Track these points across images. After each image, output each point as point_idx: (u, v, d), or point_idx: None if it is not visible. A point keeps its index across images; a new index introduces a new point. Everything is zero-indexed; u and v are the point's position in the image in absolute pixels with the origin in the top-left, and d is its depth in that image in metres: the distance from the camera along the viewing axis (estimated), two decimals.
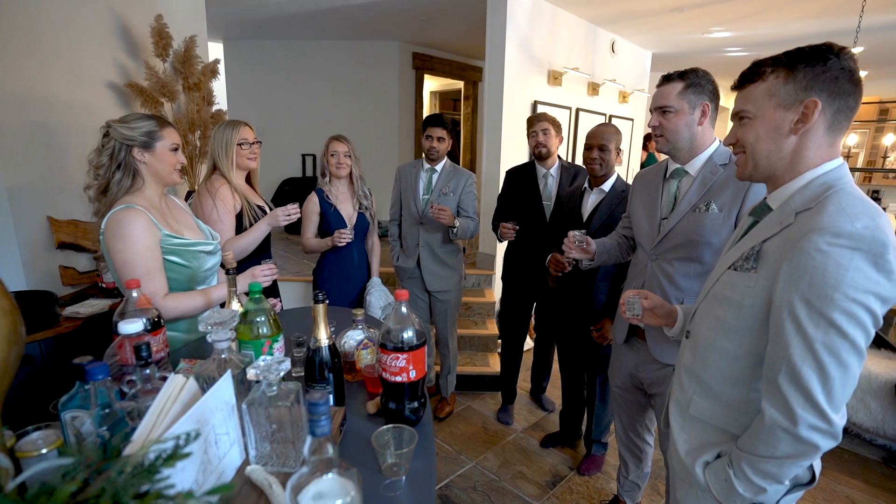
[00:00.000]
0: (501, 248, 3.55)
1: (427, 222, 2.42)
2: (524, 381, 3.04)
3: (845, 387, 0.78)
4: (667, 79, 1.37)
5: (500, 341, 3.44)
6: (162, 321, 1.10)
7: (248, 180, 1.98)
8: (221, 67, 3.12)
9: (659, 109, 1.38)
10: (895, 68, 5.86)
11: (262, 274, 1.50)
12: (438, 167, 2.43)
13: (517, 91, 3.58)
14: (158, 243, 1.30)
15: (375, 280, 2.40)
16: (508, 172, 2.62)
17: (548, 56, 3.80)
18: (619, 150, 1.88)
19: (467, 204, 2.43)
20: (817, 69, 0.82)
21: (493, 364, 3.19)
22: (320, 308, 1.06)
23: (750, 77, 0.90)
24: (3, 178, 2.02)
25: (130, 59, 2.57)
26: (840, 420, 0.79)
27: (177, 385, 0.83)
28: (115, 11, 2.48)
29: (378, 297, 2.26)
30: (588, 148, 1.95)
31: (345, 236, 2.12)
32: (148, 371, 0.86)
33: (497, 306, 3.42)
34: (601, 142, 1.90)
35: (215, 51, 4.69)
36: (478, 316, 3.52)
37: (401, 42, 5.12)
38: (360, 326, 1.25)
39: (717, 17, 4.03)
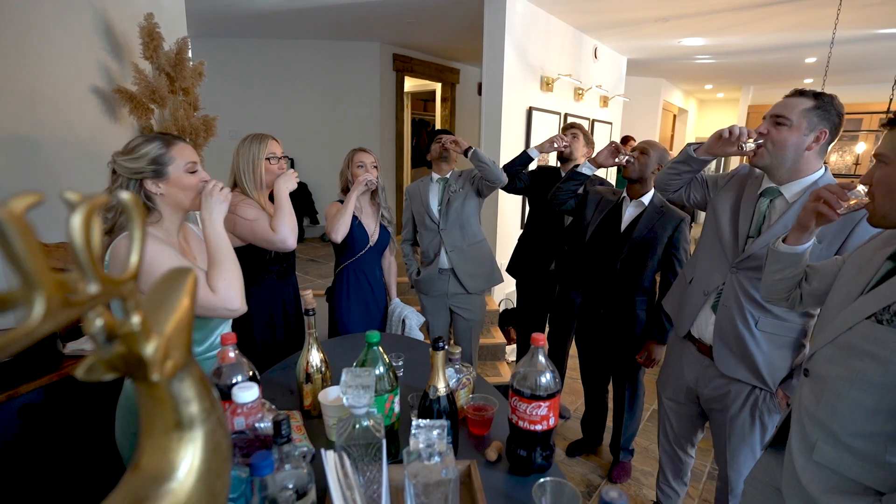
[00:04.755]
0: (503, 253, 3.53)
1: (448, 227, 2.32)
2: None
3: None
4: (800, 92, 1.28)
5: (507, 348, 3.45)
6: (258, 376, 0.98)
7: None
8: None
9: (773, 117, 1.28)
10: (860, 75, 6.40)
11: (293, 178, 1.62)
12: (448, 175, 2.34)
13: (514, 98, 3.57)
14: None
15: (398, 301, 2.30)
16: (533, 171, 2.61)
17: (541, 63, 3.82)
18: (659, 167, 1.89)
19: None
20: None
21: (505, 373, 3.17)
22: (440, 356, 0.99)
23: None
24: None
25: (115, 62, 2.31)
26: None
27: (335, 464, 0.74)
28: (98, 9, 2.21)
29: (413, 316, 2.17)
30: (632, 149, 1.98)
31: (370, 179, 2.04)
32: (287, 448, 0.76)
33: (501, 308, 3.39)
34: (644, 146, 1.93)
35: None
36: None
37: (382, 43, 4.97)
38: (456, 365, 1.19)
39: (697, 28, 4.21)
